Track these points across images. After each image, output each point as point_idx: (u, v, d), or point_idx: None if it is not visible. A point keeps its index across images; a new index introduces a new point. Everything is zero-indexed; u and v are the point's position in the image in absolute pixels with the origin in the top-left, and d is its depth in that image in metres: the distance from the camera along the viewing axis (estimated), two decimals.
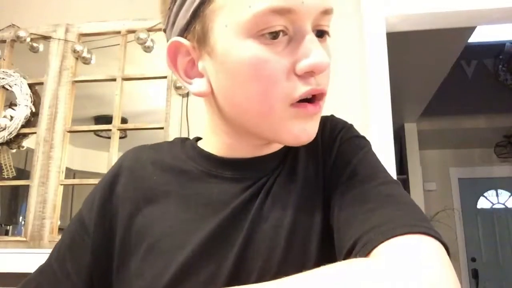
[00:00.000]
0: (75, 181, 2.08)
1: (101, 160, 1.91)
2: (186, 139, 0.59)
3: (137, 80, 1.70)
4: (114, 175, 0.55)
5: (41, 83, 1.70)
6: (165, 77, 1.62)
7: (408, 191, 2.13)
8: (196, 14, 0.46)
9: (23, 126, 1.66)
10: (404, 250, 0.37)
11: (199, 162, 0.54)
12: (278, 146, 0.54)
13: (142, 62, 1.85)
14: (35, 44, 1.73)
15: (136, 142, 0.66)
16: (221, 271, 0.46)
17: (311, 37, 0.44)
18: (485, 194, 4.80)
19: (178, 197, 0.52)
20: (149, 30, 1.64)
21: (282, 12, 0.42)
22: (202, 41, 0.46)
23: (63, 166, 1.62)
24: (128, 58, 1.69)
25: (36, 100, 1.69)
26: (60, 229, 1.57)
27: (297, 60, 0.44)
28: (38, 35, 1.72)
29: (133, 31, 1.64)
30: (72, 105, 1.67)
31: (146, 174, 0.54)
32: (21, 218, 2.90)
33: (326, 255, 0.47)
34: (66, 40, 1.71)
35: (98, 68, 1.79)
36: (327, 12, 0.46)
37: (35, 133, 1.64)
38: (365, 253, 0.39)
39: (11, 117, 1.66)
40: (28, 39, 1.70)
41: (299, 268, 0.37)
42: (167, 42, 0.49)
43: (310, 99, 0.46)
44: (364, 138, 0.56)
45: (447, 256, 0.38)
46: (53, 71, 1.69)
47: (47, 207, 1.56)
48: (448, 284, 0.34)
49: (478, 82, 4.24)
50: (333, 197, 0.49)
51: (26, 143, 1.74)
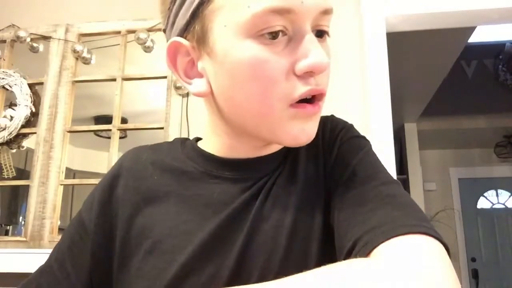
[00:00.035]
0: (75, 181, 2.08)
1: (101, 160, 1.91)
2: (186, 140, 0.59)
3: (137, 80, 1.70)
4: (114, 176, 0.55)
5: (41, 83, 1.70)
6: (165, 77, 1.62)
7: (408, 191, 2.13)
8: (196, 14, 0.46)
9: (23, 126, 1.65)
10: (404, 250, 0.37)
11: (199, 163, 0.54)
12: (279, 147, 0.54)
13: (142, 62, 1.85)
14: (35, 44, 1.73)
15: (136, 142, 0.66)
16: (222, 271, 0.46)
17: (311, 37, 0.44)
18: (485, 194, 4.80)
19: (179, 198, 0.52)
20: (149, 30, 1.63)
21: (281, 12, 0.42)
22: (202, 41, 0.46)
23: (63, 166, 1.62)
24: (128, 58, 1.69)
25: (36, 100, 1.69)
26: (60, 229, 1.57)
27: (297, 60, 0.43)
28: (38, 35, 1.72)
29: (133, 31, 1.64)
30: (72, 105, 1.67)
31: (146, 175, 0.54)
32: (21, 218, 2.90)
33: (327, 255, 0.47)
34: (66, 40, 1.71)
35: (98, 68, 1.79)
36: (327, 12, 0.45)
37: (35, 133, 1.64)
38: (365, 253, 0.39)
39: (11, 117, 1.66)
40: (28, 39, 1.70)
41: (300, 268, 0.37)
42: (167, 42, 0.49)
43: (310, 100, 0.46)
44: (364, 138, 0.56)
45: (447, 256, 0.38)
46: (53, 71, 1.69)
47: (47, 207, 1.56)
48: (449, 284, 0.34)
49: (478, 82, 4.24)
50: (334, 197, 0.49)
51: (26, 143, 1.74)
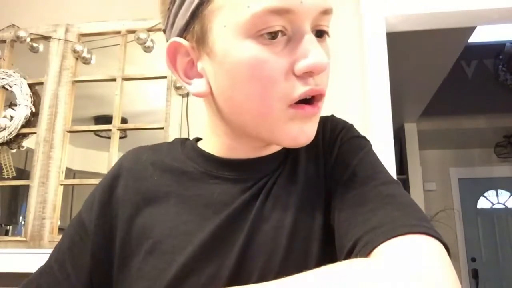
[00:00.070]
0: (75, 181, 2.08)
1: (101, 160, 1.91)
2: (186, 140, 0.59)
3: (137, 80, 1.70)
4: (114, 177, 0.55)
5: (41, 83, 1.70)
6: (165, 77, 1.62)
7: (408, 191, 2.13)
8: (195, 15, 0.46)
9: (23, 126, 1.65)
10: (405, 250, 0.37)
11: (199, 163, 0.54)
12: (279, 147, 0.54)
13: (142, 62, 1.85)
14: (35, 44, 1.73)
15: (136, 142, 0.66)
16: (222, 272, 0.46)
17: (310, 37, 0.44)
18: (485, 194, 4.80)
19: (179, 198, 0.52)
20: (149, 30, 1.63)
21: (281, 12, 0.42)
22: (201, 42, 0.46)
23: (63, 166, 1.62)
24: (128, 58, 1.69)
25: (36, 100, 1.69)
26: (60, 229, 1.57)
27: (296, 60, 0.43)
28: (38, 35, 1.72)
29: (133, 31, 1.64)
30: (72, 105, 1.67)
31: (146, 175, 0.54)
32: (21, 218, 2.90)
33: (327, 255, 0.47)
34: (66, 40, 1.71)
35: (98, 68, 1.79)
36: (327, 12, 0.45)
37: (35, 133, 1.64)
38: (366, 253, 0.39)
39: (11, 117, 1.66)
40: (28, 39, 1.70)
41: (300, 268, 0.37)
42: (167, 43, 0.49)
43: (309, 100, 0.45)
44: (365, 138, 0.56)
45: (448, 256, 0.38)
46: (53, 71, 1.69)
47: (47, 207, 1.56)
48: (449, 284, 0.34)
49: (478, 82, 4.24)
50: (334, 198, 0.49)
51: (26, 143, 1.74)
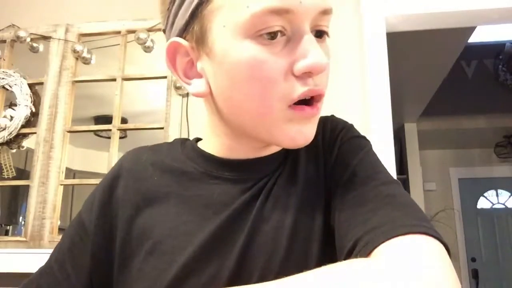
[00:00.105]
0: (75, 181, 2.08)
1: (101, 160, 1.91)
2: (186, 140, 0.59)
3: (137, 80, 1.70)
4: (114, 177, 0.55)
5: (41, 83, 1.70)
6: (165, 77, 1.62)
7: (408, 191, 2.13)
8: (195, 15, 0.46)
9: (23, 126, 1.65)
10: (405, 250, 0.37)
11: (199, 163, 0.54)
12: (279, 148, 0.54)
13: (142, 62, 1.85)
14: (35, 44, 1.73)
15: (136, 142, 0.66)
16: (223, 272, 0.46)
17: (309, 38, 0.44)
18: (485, 194, 4.80)
19: (179, 198, 0.51)
20: (149, 30, 1.63)
21: (280, 13, 0.42)
22: (201, 42, 0.46)
23: (63, 166, 1.62)
24: (128, 58, 1.69)
25: (36, 100, 1.69)
26: (60, 229, 1.57)
27: (295, 61, 0.43)
28: (38, 35, 1.72)
29: (133, 31, 1.64)
30: (72, 105, 1.67)
31: (146, 176, 0.54)
32: (21, 218, 2.90)
33: (327, 255, 0.47)
34: (66, 40, 1.71)
35: (98, 68, 1.79)
36: (326, 12, 0.45)
37: (35, 133, 1.64)
38: (366, 253, 0.39)
39: (11, 117, 1.66)
40: (28, 39, 1.70)
41: (300, 269, 0.37)
42: (166, 43, 0.49)
43: (308, 101, 0.45)
44: (365, 138, 0.56)
45: (448, 256, 0.38)
46: (53, 71, 1.69)
47: (47, 207, 1.56)
48: (449, 284, 0.34)
49: (478, 82, 4.24)
50: (334, 198, 0.49)
51: (26, 143, 1.74)
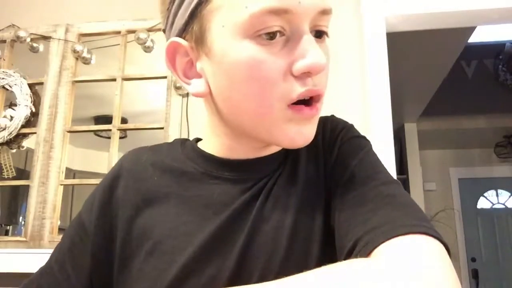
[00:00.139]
0: (75, 181, 2.08)
1: (101, 160, 1.91)
2: (186, 140, 0.59)
3: (137, 80, 1.70)
4: (114, 177, 0.55)
5: (41, 83, 1.70)
6: (165, 77, 1.62)
7: (408, 191, 2.13)
8: (194, 15, 0.46)
9: (23, 126, 1.65)
10: (405, 250, 0.37)
11: (199, 163, 0.54)
12: (279, 148, 0.54)
13: (142, 62, 1.85)
14: (35, 44, 1.73)
15: (136, 142, 0.66)
16: (223, 272, 0.46)
17: (308, 38, 0.44)
18: (485, 194, 4.80)
19: (179, 199, 0.51)
20: (149, 30, 1.63)
21: (279, 13, 0.42)
22: (200, 42, 0.46)
23: (63, 166, 1.62)
24: (128, 58, 1.69)
25: (36, 100, 1.69)
26: (60, 229, 1.57)
27: (294, 61, 0.43)
28: (38, 35, 1.72)
29: (133, 31, 1.64)
30: (72, 105, 1.67)
31: (146, 176, 0.54)
32: (21, 218, 2.90)
33: (327, 255, 0.47)
34: (66, 40, 1.71)
35: (98, 68, 1.79)
36: (326, 12, 0.45)
37: (35, 133, 1.64)
38: (366, 253, 0.39)
39: (11, 117, 1.66)
40: (28, 39, 1.70)
41: (301, 269, 0.37)
42: (166, 42, 0.49)
43: (307, 101, 0.45)
44: (365, 138, 0.56)
45: (448, 256, 0.38)
46: (53, 71, 1.69)
47: (47, 207, 1.56)
48: (449, 284, 0.34)
49: (478, 82, 4.24)
50: (334, 198, 0.49)
51: (26, 143, 1.74)
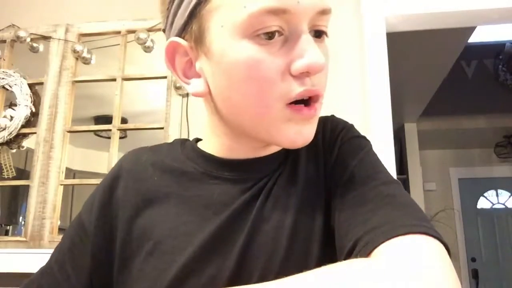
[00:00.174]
0: (75, 181, 2.08)
1: (101, 160, 1.91)
2: (186, 140, 0.59)
3: (137, 80, 1.70)
4: (114, 178, 0.55)
5: (41, 83, 1.69)
6: (165, 77, 1.62)
7: (408, 191, 2.13)
8: (193, 14, 0.46)
9: (23, 126, 1.65)
10: (405, 250, 0.37)
11: (199, 163, 0.54)
12: (278, 148, 0.54)
13: (142, 62, 1.85)
14: (35, 44, 1.73)
15: (136, 142, 0.66)
16: (222, 272, 0.46)
17: (307, 37, 0.44)
18: (485, 194, 4.80)
19: (179, 199, 0.52)
20: (149, 30, 1.63)
21: (277, 13, 0.42)
22: (199, 41, 0.46)
23: (63, 166, 1.62)
24: (128, 58, 1.69)
25: (36, 100, 1.69)
26: (60, 229, 1.57)
27: (292, 60, 0.43)
28: (38, 35, 1.72)
29: (133, 31, 1.64)
30: (72, 105, 1.67)
31: (146, 176, 0.54)
32: (21, 218, 2.90)
33: (327, 256, 0.47)
34: (66, 40, 1.71)
35: (98, 68, 1.79)
36: (325, 12, 0.45)
37: (35, 133, 1.64)
38: (366, 253, 0.39)
39: (11, 117, 1.66)
40: (28, 39, 1.70)
41: (301, 269, 0.37)
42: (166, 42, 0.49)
43: (306, 101, 0.45)
44: (365, 138, 0.56)
45: (448, 256, 0.38)
46: (53, 71, 1.69)
47: (47, 207, 1.56)
48: (449, 284, 0.34)
49: (478, 82, 4.24)
50: (334, 198, 0.49)
51: (26, 143, 1.74)
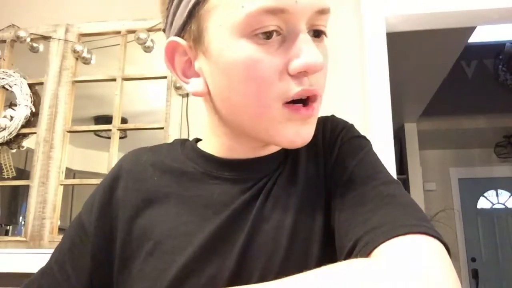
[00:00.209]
0: (75, 181, 2.08)
1: (101, 160, 1.91)
2: (186, 140, 0.59)
3: (137, 80, 1.70)
4: (114, 178, 0.55)
5: (41, 83, 1.69)
6: (165, 77, 1.62)
7: (408, 191, 2.13)
8: (192, 14, 0.46)
9: (23, 126, 1.65)
10: (405, 250, 0.37)
11: (199, 163, 0.54)
12: (278, 147, 0.54)
13: (142, 62, 1.85)
14: (35, 44, 1.73)
15: (136, 142, 0.66)
16: (222, 272, 0.46)
17: (305, 37, 0.44)
18: (485, 194, 4.80)
19: (179, 199, 0.52)
20: (149, 30, 1.63)
21: (275, 12, 0.42)
22: (198, 41, 0.47)
23: (63, 166, 1.62)
24: (128, 58, 1.69)
25: (36, 100, 1.69)
26: (60, 229, 1.57)
27: (290, 60, 0.43)
28: (38, 35, 1.72)
29: (133, 31, 1.64)
30: (72, 105, 1.67)
31: (146, 176, 0.54)
32: (21, 218, 2.90)
33: (327, 256, 0.47)
34: (66, 40, 1.71)
35: (98, 68, 1.79)
36: (323, 12, 0.45)
37: (35, 133, 1.64)
38: (366, 253, 0.39)
39: (11, 117, 1.65)
40: (28, 39, 1.70)
41: (301, 269, 0.37)
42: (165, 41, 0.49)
43: (304, 101, 0.45)
44: (365, 138, 0.56)
45: (448, 256, 0.38)
46: (53, 71, 1.69)
47: (47, 207, 1.56)
48: (449, 284, 0.34)
49: (478, 82, 4.24)
50: (334, 198, 0.49)
51: (26, 143, 1.74)
